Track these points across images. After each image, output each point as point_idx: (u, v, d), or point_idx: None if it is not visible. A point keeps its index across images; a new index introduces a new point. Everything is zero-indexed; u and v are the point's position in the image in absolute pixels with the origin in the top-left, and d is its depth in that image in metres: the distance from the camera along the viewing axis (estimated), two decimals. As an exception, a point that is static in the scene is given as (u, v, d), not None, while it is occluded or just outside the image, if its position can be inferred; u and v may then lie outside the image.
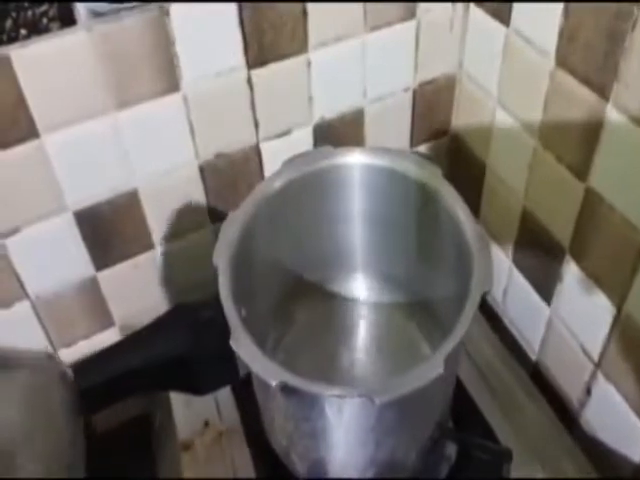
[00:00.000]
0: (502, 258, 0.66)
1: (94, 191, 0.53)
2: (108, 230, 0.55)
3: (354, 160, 0.53)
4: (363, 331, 0.62)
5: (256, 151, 0.59)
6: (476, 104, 0.63)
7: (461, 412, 0.57)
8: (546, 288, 0.60)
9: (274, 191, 0.51)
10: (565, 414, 0.61)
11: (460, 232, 0.46)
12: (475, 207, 0.68)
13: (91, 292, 0.58)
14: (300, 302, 0.60)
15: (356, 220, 0.58)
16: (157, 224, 0.58)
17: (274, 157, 0.58)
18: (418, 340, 0.59)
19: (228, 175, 0.59)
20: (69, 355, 0.60)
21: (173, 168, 0.55)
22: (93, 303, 0.58)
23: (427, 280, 0.56)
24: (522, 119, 0.57)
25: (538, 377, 0.64)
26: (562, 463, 0.56)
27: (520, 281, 0.64)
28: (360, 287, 0.62)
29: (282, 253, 0.55)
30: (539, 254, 0.60)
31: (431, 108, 0.65)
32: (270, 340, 0.58)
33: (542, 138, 0.55)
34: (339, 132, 0.62)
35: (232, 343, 0.41)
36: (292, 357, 0.58)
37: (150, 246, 0.58)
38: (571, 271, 0.56)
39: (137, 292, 0.60)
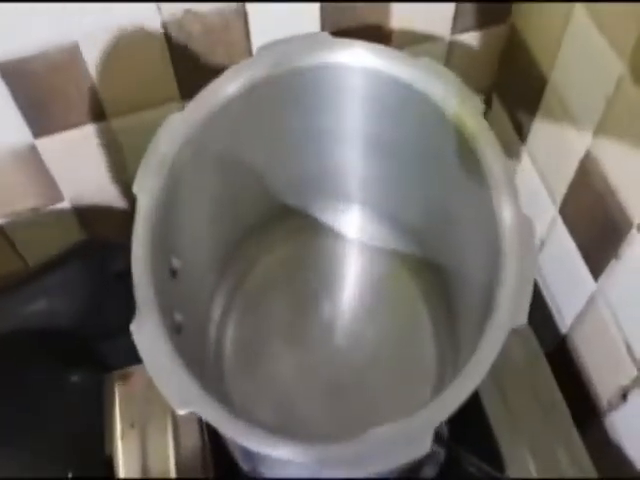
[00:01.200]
0: (546, 202, 0.50)
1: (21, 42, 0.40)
2: (45, 90, 0.44)
3: (355, 61, 0.37)
4: (350, 280, 0.49)
5: (241, 15, 0.43)
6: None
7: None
8: (596, 260, 0.46)
9: (240, 90, 0.36)
10: (584, 407, 0.50)
11: (494, 218, 0.31)
12: (523, 131, 0.51)
13: (30, 160, 0.47)
14: (272, 235, 0.47)
15: (354, 141, 0.42)
16: (107, 90, 0.45)
17: (264, 31, 0.42)
18: (416, 305, 0.46)
19: (202, 42, 0.44)
20: (18, 227, 0.51)
21: (127, 21, 0.41)
22: (34, 172, 0.48)
23: (440, 236, 0.42)
24: (610, 32, 0.39)
25: (562, 356, 0.52)
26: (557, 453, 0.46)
27: (564, 238, 0.49)
28: (353, 224, 0.48)
29: (247, 173, 0.41)
30: (596, 215, 0.45)
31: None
32: (226, 283, 0.46)
33: (635, 66, 0.37)
34: (356, 7, 0.44)
35: (133, 326, 0.29)
36: (253, 306, 0.46)
37: (101, 116, 0.46)
38: (635, 252, 0.41)
39: (87, 169, 0.50)
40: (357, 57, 0.36)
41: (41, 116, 0.45)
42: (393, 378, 0.43)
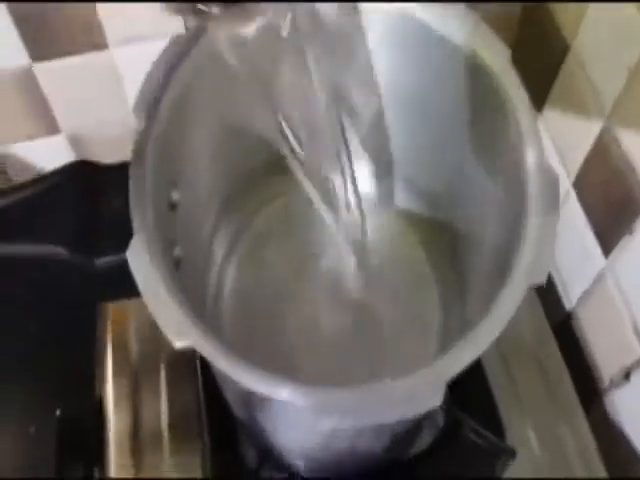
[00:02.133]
0: (560, 174, 0.48)
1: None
2: (45, 13, 0.42)
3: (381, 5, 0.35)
4: (354, 236, 0.47)
5: None
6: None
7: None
8: (608, 236, 0.45)
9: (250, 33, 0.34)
10: (586, 384, 0.49)
11: (518, 170, 0.30)
12: (540, 98, 0.50)
13: (27, 85, 0.46)
14: (277, 184, 0.45)
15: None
16: (110, 22, 0.44)
17: None
18: (422, 263, 0.45)
19: None
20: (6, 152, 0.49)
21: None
22: (31, 98, 0.47)
23: (455, 195, 0.41)
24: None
25: (565, 331, 0.51)
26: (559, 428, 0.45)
27: (576, 212, 0.48)
28: (363, 177, 0.46)
29: (252, 111, 0.39)
30: (612, 190, 0.44)
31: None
32: (228, 226, 0.44)
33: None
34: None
35: (129, 253, 0.28)
36: (255, 252, 0.45)
37: (102, 46, 0.45)
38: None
39: (86, 100, 0.48)
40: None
41: (41, 39, 0.43)
42: (397, 335, 0.42)
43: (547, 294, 0.53)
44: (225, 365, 0.27)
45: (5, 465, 0.42)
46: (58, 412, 0.40)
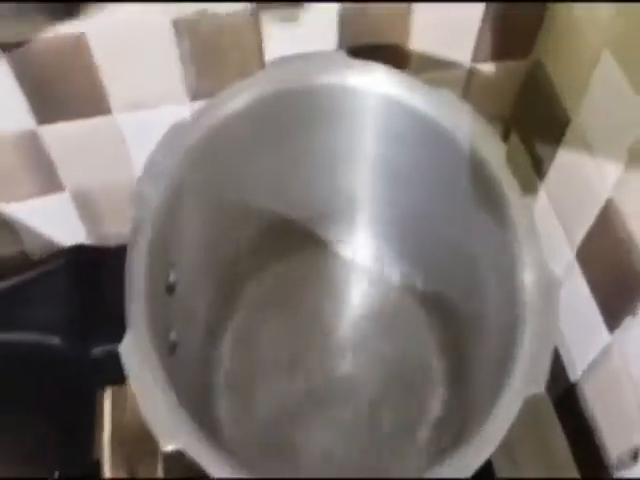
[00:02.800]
0: (563, 245, 0.49)
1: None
2: (50, 78, 0.43)
3: (373, 86, 0.36)
4: (352, 308, 0.47)
5: (254, 22, 0.41)
6: (574, 34, 0.43)
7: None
8: (613, 312, 0.44)
9: (248, 104, 0.35)
10: (593, 461, 0.48)
11: (514, 269, 0.30)
12: (542, 167, 0.50)
13: (32, 147, 0.46)
14: (272, 254, 0.46)
15: (363, 166, 0.42)
16: (113, 85, 0.44)
17: (280, 40, 0.41)
18: (423, 340, 0.44)
19: (213, 43, 0.42)
20: (14, 211, 0.50)
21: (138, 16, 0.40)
22: (35, 160, 0.47)
23: (453, 274, 0.41)
24: (637, 79, 0.37)
25: (570, 405, 0.50)
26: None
27: (580, 284, 0.48)
28: (359, 251, 0.46)
29: (250, 190, 0.40)
30: (615, 265, 0.43)
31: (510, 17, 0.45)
32: (222, 300, 0.44)
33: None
34: (375, 24, 0.43)
35: (122, 347, 0.28)
36: (250, 325, 0.45)
37: (106, 110, 0.45)
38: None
39: (91, 161, 0.49)
40: (375, 82, 0.35)
41: (46, 103, 0.44)
42: (393, 417, 0.41)
43: (552, 364, 0.52)
44: (214, 471, 0.26)
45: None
46: (57, 475, 0.41)
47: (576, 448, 0.48)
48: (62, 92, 0.43)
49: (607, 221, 0.43)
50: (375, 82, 0.35)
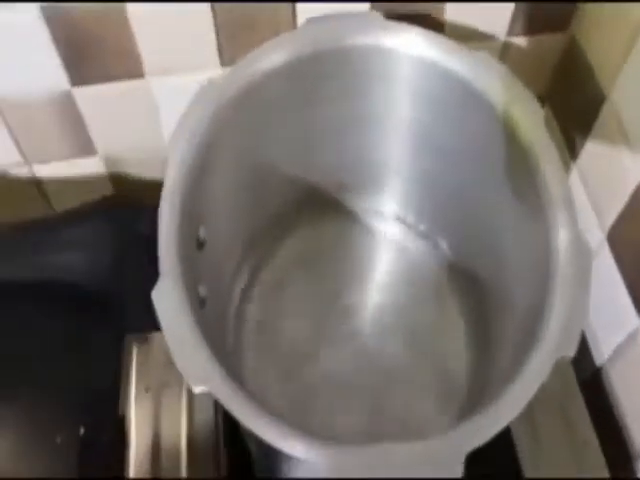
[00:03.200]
0: (594, 226, 0.48)
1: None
2: (86, 40, 0.43)
3: (408, 48, 0.35)
4: (379, 277, 0.47)
5: None
6: (612, 9, 0.42)
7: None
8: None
9: (279, 64, 0.35)
10: (616, 447, 0.47)
11: (547, 238, 0.29)
12: (575, 147, 0.49)
13: (66, 108, 0.47)
14: (301, 219, 0.46)
15: (397, 132, 0.41)
16: (148, 52, 0.44)
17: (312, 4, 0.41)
18: (450, 313, 0.44)
19: (246, 12, 0.42)
20: (46, 171, 0.51)
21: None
22: (69, 121, 0.48)
23: (483, 247, 0.41)
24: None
25: (595, 389, 0.50)
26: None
27: (610, 266, 0.47)
28: (387, 220, 0.46)
29: (279, 154, 0.40)
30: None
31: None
32: (251, 260, 0.45)
33: None
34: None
35: (154, 294, 0.28)
36: (277, 287, 0.45)
37: (139, 74, 0.46)
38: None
39: (123, 124, 0.49)
40: (411, 44, 0.35)
41: (80, 65, 0.44)
42: (418, 386, 0.42)
43: (580, 349, 0.51)
44: (238, 414, 0.27)
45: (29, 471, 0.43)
46: (82, 431, 0.42)
47: (600, 432, 0.47)
48: (97, 54, 0.43)
49: (638, 203, 0.43)
50: (410, 43, 0.35)
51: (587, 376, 0.51)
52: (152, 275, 0.30)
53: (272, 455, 0.36)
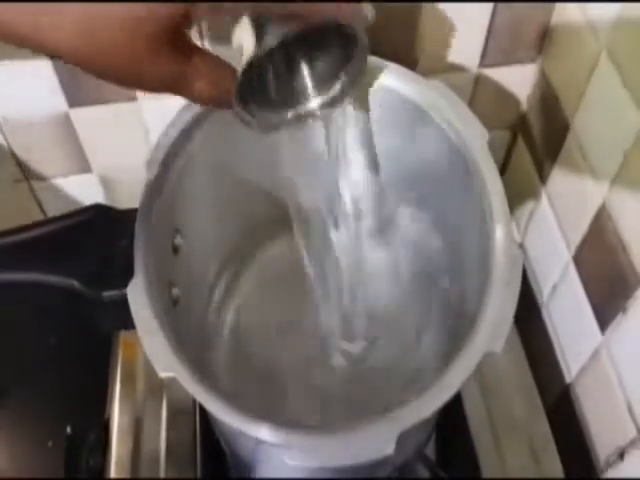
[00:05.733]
0: (561, 247, 0.52)
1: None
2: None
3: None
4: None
5: None
6: (574, 36, 0.47)
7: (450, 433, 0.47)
8: (604, 312, 0.47)
9: None
10: (583, 462, 0.50)
11: (488, 242, 0.33)
12: (544, 173, 0.54)
13: (64, 128, 0.52)
14: (276, 234, 0.50)
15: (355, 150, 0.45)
16: None
17: None
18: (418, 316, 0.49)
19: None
20: (43, 186, 0.56)
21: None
22: (67, 141, 0.53)
23: (445, 257, 0.45)
24: (633, 85, 0.41)
25: (565, 407, 0.53)
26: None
27: (575, 285, 0.51)
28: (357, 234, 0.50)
29: (250, 168, 0.44)
30: (607, 267, 0.46)
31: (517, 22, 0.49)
32: (227, 272, 0.49)
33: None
34: (383, 30, 0.47)
35: (129, 289, 0.32)
36: (253, 296, 0.50)
37: (131, 97, 0.50)
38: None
39: (117, 145, 0.54)
40: (373, 74, 0.39)
41: (77, 88, 0.49)
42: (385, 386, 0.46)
43: (548, 365, 0.55)
44: (206, 402, 0.30)
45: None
46: (69, 430, 0.45)
47: (567, 446, 0.50)
48: (92, 78, 0.48)
49: (601, 224, 0.46)
50: (372, 73, 0.39)
51: (558, 393, 0.54)
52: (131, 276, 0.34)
53: (242, 449, 0.40)
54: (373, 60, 0.39)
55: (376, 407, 0.43)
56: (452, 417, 0.50)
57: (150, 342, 0.31)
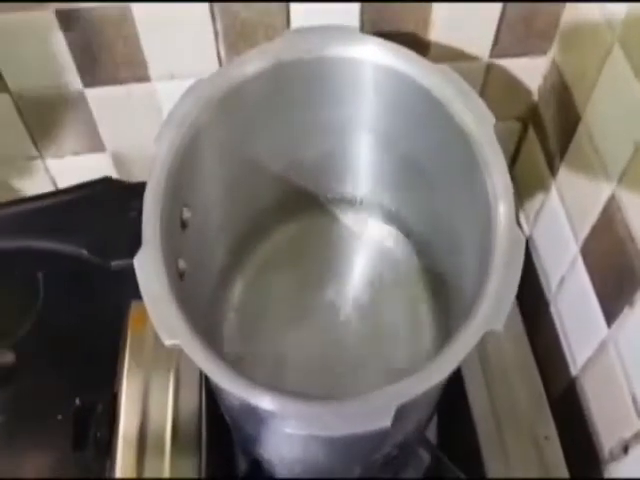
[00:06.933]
0: (570, 240, 0.53)
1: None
2: (96, 43, 0.49)
3: (370, 57, 0.41)
4: (354, 270, 0.53)
5: (283, 10, 0.47)
6: (586, 28, 0.47)
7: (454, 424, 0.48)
8: (611, 305, 0.48)
9: (262, 68, 0.41)
10: (587, 453, 0.51)
11: (490, 223, 0.34)
12: (554, 165, 0.54)
13: (79, 107, 0.53)
14: (285, 214, 0.52)
15: (363, 135, 0.47)
16: (152, 56, 0.51)
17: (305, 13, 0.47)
18: (417, 300, 0.51)
19: (245, 20, 0.48)
20: (58, 166, 0.57)
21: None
22: (82, 119, 0.54)
23: (442, 239, 0.46)
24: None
25: (570, 399, 0.54)
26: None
27: (582, 278, 0.51)
28: (359, 216, 0.52)
29: (261, 150, 0.46)
30: (614, 260, 0.47)
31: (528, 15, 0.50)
32: (237, 248, 0.50)
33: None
34: (396, 13, 0.48)
35: (136, 260, 0.33)
36: (261, 274, 0.51)
37: (145, 78, 0.52)
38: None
39: (130, 124, 0.55)
40: (372, 53, 0.41)
41: (92, 68, 0.50)
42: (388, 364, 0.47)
43: (554, 358, 0.55)
44: (209, 370, 0.31)
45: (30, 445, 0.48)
46: (77, 401, 0.47)
47: (573, 437, 0.51)
48: (106, 59, 0.50)
49: (609, 217, 0.47)
50: (372, 53, 0.40)
51: (564, 386, 0.55)
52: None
53: (246, 423, 0.41)
54: (377, 41, 0.40)
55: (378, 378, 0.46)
56: (456, 407, 0.50)
57: (155, 309, 0.32)
